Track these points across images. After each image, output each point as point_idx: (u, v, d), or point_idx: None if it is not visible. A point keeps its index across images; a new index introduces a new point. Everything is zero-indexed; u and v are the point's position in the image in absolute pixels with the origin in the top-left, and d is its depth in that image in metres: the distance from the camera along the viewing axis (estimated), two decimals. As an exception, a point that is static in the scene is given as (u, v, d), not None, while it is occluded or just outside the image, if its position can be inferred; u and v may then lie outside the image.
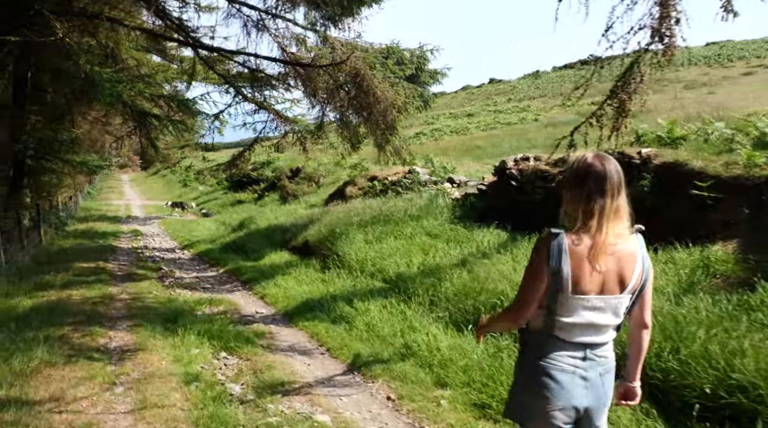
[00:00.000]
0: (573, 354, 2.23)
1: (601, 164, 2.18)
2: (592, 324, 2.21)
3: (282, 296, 8.69)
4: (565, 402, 2.21)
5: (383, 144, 10.00)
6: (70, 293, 8.97)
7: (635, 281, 2.22)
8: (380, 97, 8.90)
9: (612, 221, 2.16)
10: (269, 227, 14.92)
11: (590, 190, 2.16)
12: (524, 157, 9.85)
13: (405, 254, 8.83)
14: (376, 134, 9.66)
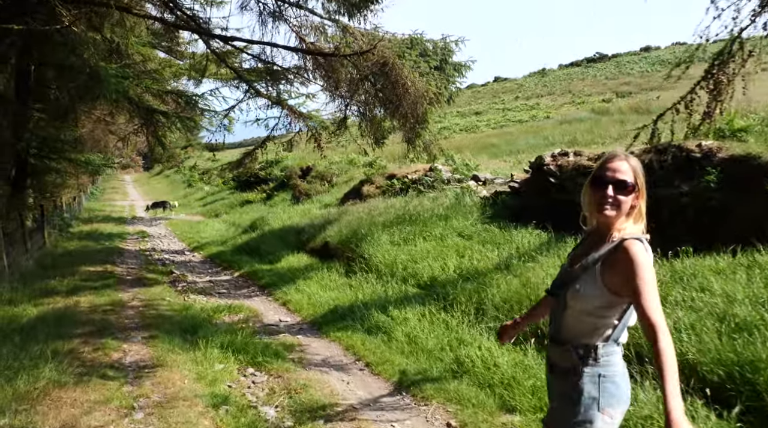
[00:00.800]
0: (621, 355, 2.27)
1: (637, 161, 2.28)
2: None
3: (307, 303, 8.05)
4: (627, 404, 2.28)
5: (413, 139, 9.34)
6: (77, 300, 8.33)
7: None
8: (410, 88, 8.26)
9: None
10: (283, 228, 14.28)
11: (645, 189, 2.24)
12: (562, 152, 9.20)
13: (438, 257, 8.19)
14: (405, 128, 9.01)
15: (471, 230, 9.14)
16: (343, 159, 20.57)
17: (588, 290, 2.19)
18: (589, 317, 2.21)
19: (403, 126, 9.00)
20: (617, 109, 28.41)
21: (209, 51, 13.05)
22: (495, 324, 5.84)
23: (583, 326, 2.23)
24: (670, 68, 16.91)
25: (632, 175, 2.20)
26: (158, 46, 17.95)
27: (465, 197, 10.82)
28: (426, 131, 9.73)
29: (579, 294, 2.21)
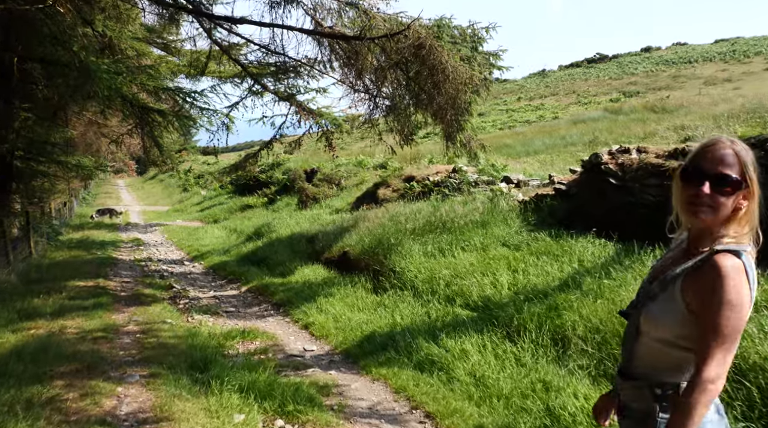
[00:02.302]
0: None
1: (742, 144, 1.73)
2: None
3: (334, 327, 6.84)
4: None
5: (453, 134, 8.15)
6: (63, 325, 7.10)
7: None
8: (450, 74, 7.08)
9: None
10: (292, 236, 13.07)
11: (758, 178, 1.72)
12: (623, 148, 8.04)
13: (486, 272, 7.00)
14: (445, 121, 7.82)
15: (517, 239, 7.97)
16: (350, 161, 19.37)
17: (666, 314, 1.75)
18: (669, 348, 1.75)
19: (441, 119, 7.81)
20: (631, 108, 27.33)
21: (211, 42, 11.86)
22: (588, 362, 4.66)
23: (661, 358, 1.77)
24: (675, 68, 15.20)
25: (738, 167, 1.71)
26: (154, 43, 16.80)
27: (500, 201, 9.64)
28: (468, 125, 8.56)
29: (654, 318, 1.77)
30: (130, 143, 24.76)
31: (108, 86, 10.28)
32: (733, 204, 1.71)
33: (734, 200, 1.71)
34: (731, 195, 1.70)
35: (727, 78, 40.58)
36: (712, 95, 31.02)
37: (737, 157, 1.71)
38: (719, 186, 1.70)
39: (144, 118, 14.29)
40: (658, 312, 1.76)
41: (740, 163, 1.71)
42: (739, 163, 1.71)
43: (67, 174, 19.52)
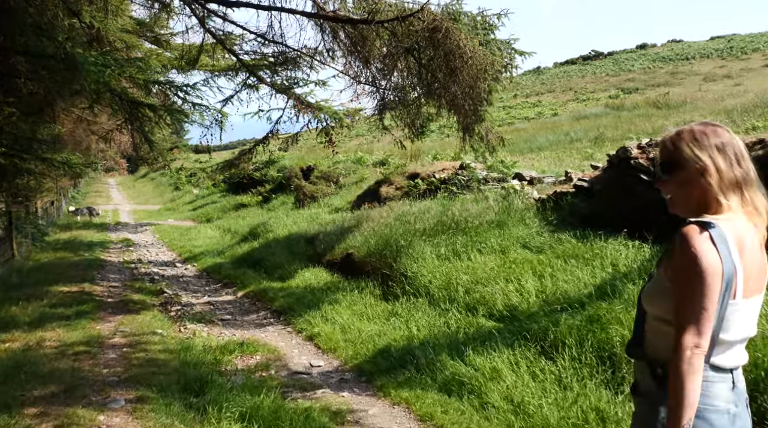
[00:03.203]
0: (724, 386, 1.68)
1: (723, 130, 1.72)
2: (747, 338, 1.72)
3: (342, 339, 6.18)
4: None
5: (471, 126, 7.48)
6: (42, 337, 6.41)
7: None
8: (468, 59, 6.43)
9: (752, 187, 1.69)
10: (290, 236, 12.39)
11: (729, 159, 1.67)
12: (654, 142, 7.42)
13: (509, 277, 6.37)
14: (462, 112, 7.16)
15: (538, 240, 7.34)
16: (348, 158, 18.68)
17: (656, 291, 1.77)
18: (663, 324, 1.71)
19: (457, 109, 7.16)
20: (633, 104, 26.80)
21: (204, 32, 11.17)
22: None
23: (659, 336, 1.73)
24: (672, 65, 14.53)
25: (671, 152, 1.73)
26: (144, 36, 16.07)
27: (514, 200, 9.01)
28: (487, 115, 7.90)
29: (649, 296, 1.79)
30: (120, 141, 23.97)
31: (96, 80, 9.57)
32: (689, 189, 1.72)
33: (684, 185, 1.72)
34: (670, 182, 1.75)
35: (727, 74, 40.13)
36: (714, 91, 30.59)
37: (671, 142, 1.74)
38: (660, 177, 1.77)
39: (134, 113, 13.53)
40: (651, 290, 1.79)
41: (673, 147, 1.73)
42: (672, 147, 1.73)
43: (55, 172, 18.75)
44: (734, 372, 1.72)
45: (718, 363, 1.68)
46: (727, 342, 1.68)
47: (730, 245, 1.63)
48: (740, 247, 1.65)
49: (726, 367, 1.70)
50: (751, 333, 1.73)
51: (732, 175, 1.69)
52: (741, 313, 1.67)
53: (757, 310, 1.73)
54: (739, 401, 1.72)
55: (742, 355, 1.74)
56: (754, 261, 1.68)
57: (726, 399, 1.69)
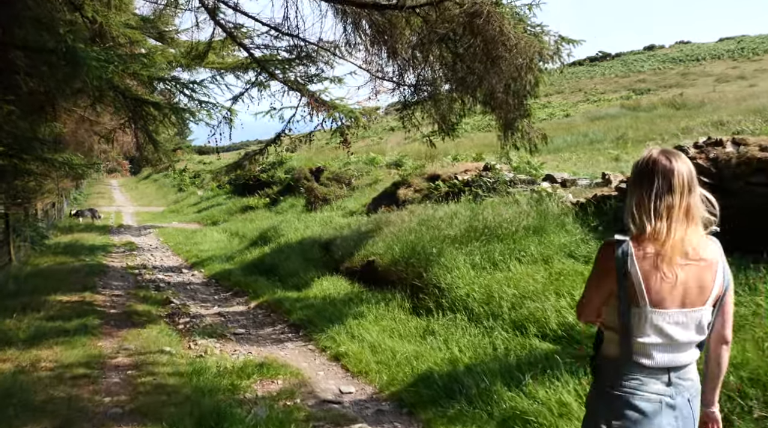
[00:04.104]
0: (657, 380, 1.95)
1: (667, 159, 1.96)
2: (675, 343, 1.95)
3: (374, 361, 5.50)
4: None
5: (514, 122, 6.79)
6: (37, 356, 5.74)
7: (717, 291, 1.96)
8: (512, 48, 5.75)
9: (682, 223, 1.91)
10: (303, 241, 11.72)
11: (657, 187, 1.92)
12: (712, 141, 6.73)
13: (560, 291, 5.68)
14: (504, 106, 6.47)
15: (584, 248, 6.65)
16: (359, 158, 17.99)
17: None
18: (609, 331, 2.05)
19: (497, 104, 6.47)
20: (649, 104, 26.12)
21: (214, 24, 10.53)
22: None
23: (608, 339, 2.06)
24: (683, 66, 13.63)
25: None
26: (148, 33, 15.43)
27: (548, 203, 8.33)
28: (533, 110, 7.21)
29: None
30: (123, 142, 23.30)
31: (98, 76, 8.93)
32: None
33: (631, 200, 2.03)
34: None
35: (740, 75, 39.40)
36: (729, 92, 29.89)
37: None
38: None
39: (137, 111, 12.88)
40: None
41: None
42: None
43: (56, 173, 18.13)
44: (671, 371, 1.94)
45: (642, 362, 1.93)
46: (646, 344, 1.91)
47: (632, 259, 1.89)
48: (645, 263, 1.89)
49: (652, 366, 1.93)
50: (680, 338, 1.93)
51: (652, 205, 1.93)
52: (652, 320, 1.90)
53: (685, 321, 1.93)
54: (678, 395, 1.95)
55: (673, 357, 1.94)
56: (659, 279, 1.89)
57: (657, 391, 1.93)
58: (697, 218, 1.94)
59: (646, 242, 1.91)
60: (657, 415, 1.93)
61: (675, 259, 1.89)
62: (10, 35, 11.76)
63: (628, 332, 1.93)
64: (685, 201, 1.92)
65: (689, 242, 1.91)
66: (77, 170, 18.15)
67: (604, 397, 2.00)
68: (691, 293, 1.92)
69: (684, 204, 1.91)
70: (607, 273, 1.95)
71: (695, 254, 1.93)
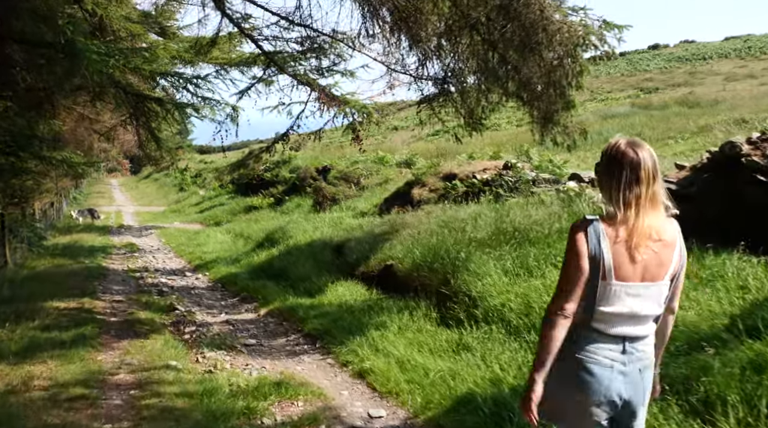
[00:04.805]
0: (612, 347, 2.15)
1: (634, 152, 2.11)
2: (634, 315, 2.14)
3: (403, 379, 4.93)
4: (602, 397, 2.13)
5: (553, 115, 6.23)
6: (30, 373, 5.19)
7: (675, 267, 2.17)
8: (555, 32, 5.20)
9: (648, 210, 2.09)
10: (313, 243, 11.16)
11: (626, 178, 2.09)
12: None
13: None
14: (544, 97, 5.92)
15: (627, 253, 6.08)
16: (368, 157, 17.43)
17: None
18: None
19: (539, 96, 5.91)
20: (661, 103, 25.60)
21: (222, 15, 10.03)
22: None
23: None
24: (689, 65, 13.05)
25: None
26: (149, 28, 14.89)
27: (578, 204, 7.78)
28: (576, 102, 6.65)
29: None
30: (123, 140, 22.75)
31: (98, 70, 8.41)
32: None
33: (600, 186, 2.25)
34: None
35: (750, 74, 38.81)
36: (740, 91, 29.36)
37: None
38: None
39: (139, 107, 12.37)
40: None
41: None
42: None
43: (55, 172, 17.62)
44: (627, 340, 2.14)
45: (599, 328, 2.13)
46: (606, 313, 2.11)
47: (602, 237, 2.07)
48: (614, 240, 2.08)
49: (609, 333, 2.12)
50: (640, 311, 2.13)
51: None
52: (616, 292, 2.09)
53: (646, 294, 2.13)
54: (631, 363, 2.14)
55: (632, 328, 2.14)
56: (626, 256, 2.08)
57: (611, 358, 2.13)
58: (660, 204, 2.11)
59: (616, 224, 2.08)
60: (607, 378, 2.11)
61: (642, 242, 2.06)
62: (8, 28, 11.16)
63: (594, 301, 2.09)
64: (650, 190, 2.07)
65: (654, 226, 2.08)
66: (77, 169, 17.60)
67: (562, 360, 2.14)
68: (651, 269, 2.11)
69: (650, 193, 2.07)
70: (583, 253, 2.07)
71: (658, 235, 2.10)
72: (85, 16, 9.84)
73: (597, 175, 2.25)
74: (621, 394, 2.14)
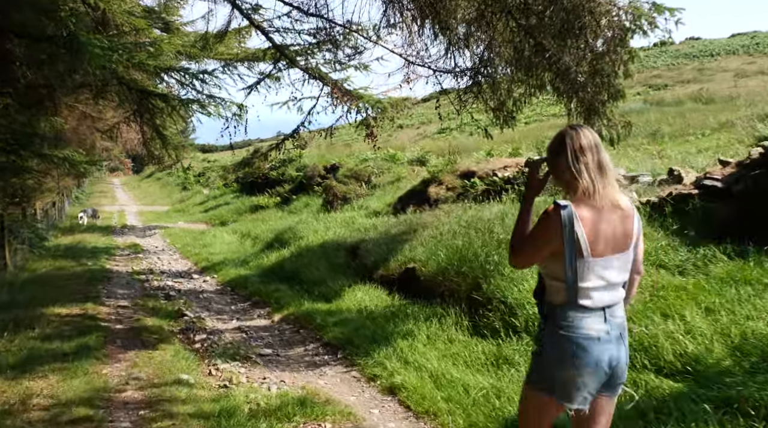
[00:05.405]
0: (596, 320, 2.28)
1: (573, 130, 2.31)
2: (610, 284, 2.29)
3: (440, 397, 4.46)
4: (595, 368, 2.26)
5: (601, 106, 5.74)
6: (28, 389, 4.73)
7: (636, 235, 2.34)
8: (602, 15, 4.73)
9: (600, 175, 2.25)
10: (325, 244, 10.70)
11: (572, 151, 2.26)
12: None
13: (666, 311, 4.65)
14: (591, 88, 5.44)
15: (675, 257, 5.65)
16: (378, 155, 16.91)
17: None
18: (553, 280, 2.34)
19: (582, 86, 5.42)
20: (675, 99, 25.04)
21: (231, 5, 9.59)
22: None
23: (551, 288, 2.35)
24: (697, 61, 12.47)
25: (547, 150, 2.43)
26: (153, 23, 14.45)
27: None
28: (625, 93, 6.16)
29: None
30: (126, 139, 22.28)
31: (101, 65, 7.95)
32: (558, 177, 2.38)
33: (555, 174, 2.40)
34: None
35: (760, 70, 38.13)
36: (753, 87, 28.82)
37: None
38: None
39: (143, 103, 11.91)
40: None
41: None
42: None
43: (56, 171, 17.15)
44: (606, 309, 2.29)
45: (586, 304, 2.26)
46: (588, 288, 2.26)
47: (576, 219, 2.20)
48: (586, 222, 2.21)
49: (593, 307, 2.27)
50: (614, 280, 2.30)
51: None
52: (593, 267, 2.25)
53: (617, 264, 2.30)
54: (612, 330, 2.29)
55: (609, 297, 2.30)
56: (598, 231, 2.23)
57: (597, 330, 2.27)
58: (611, 174, 2.27)
59: (582, 203, 2.23)
60: (595, 349, 2.25)
61: (605, 207, 2.23)
62: (8, 20, 10.67)
63: (575, 280, 2.23)
64: (596, 157, 2.24)
65: (611, 194, 2.25)
66: (79, 168, 17.10)
67: (553, 337, 2.29)
68: (619, 240, 2.27)
69: (596, 160, 2.24)
70: (555, 237, 2.22)
71: (617, 203, 2.27)
72: (88, 10, 9.41)
73: (549, 165, 2.39)
74: (610, 361, 2.28)
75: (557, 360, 2.28)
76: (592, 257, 2.22)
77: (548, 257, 2.30)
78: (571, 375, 2.26)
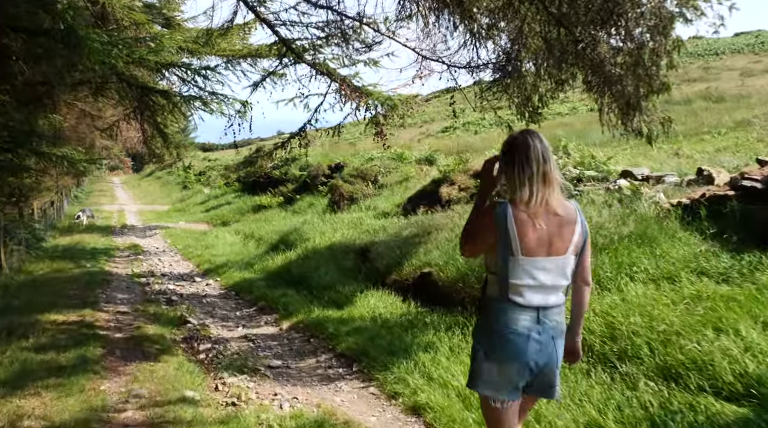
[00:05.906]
0: (527, 317, 2.37)
1: (524, 137, 2.40)
2: (543, 286, 2.37)
3: (472, 421, 4.07)
4: (519, 362, 2.36)
5: (638, 103, 5.31)
6: (20, 409, 4.33)
7: (577, 242, 2.40)
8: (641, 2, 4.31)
9: (542, 186, 2.34)
10: (333, 247, 10.29)
11: (519, 160, 2.36)
12: None
13: (719, 325, 4.25)
14: (633, 81, 5.02)
15: (717, 264, 5.24)
16: (384, 154, 16.51)
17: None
18: (489, 273, 2.50)
19: (618, 79, 5.01)
20: (684, 98, 24.64)
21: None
22: None
23: (489, 280, 2.50)
24: (702, 60, 11.89)
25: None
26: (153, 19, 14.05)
27: (639, 205, 6.91)
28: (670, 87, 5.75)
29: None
30: (126, 137, 21.87)
31: (100, 60, 7.53)
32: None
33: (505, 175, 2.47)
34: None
35: (766, 69, 37.74)
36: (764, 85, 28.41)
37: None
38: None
39: (144, 100, 11.50)
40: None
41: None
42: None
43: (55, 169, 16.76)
44: (540, 310, 2.37)
45: (517, 301, 2.36)
46: (518, 285, 2.35)
47: (509, 218, 2.32)
48: (519, 221, 2.32)
49: (524, 305, 2.36)
50: (547, 282, 2.37)
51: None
52: (524, 266, 2.34)
53: (551, 267, 2.37)
54: (544, 332, 2.38)
55: (542, 298, 2.37)
56: (530, 232, 2.33)
57: (526, 327, 2.36)
58: (555, 183, 2.37)
59: (519, 205, 2.35)
60: (523, 346, 2.36)
61: (540, 216, 2.34)
62: (3, 14, 10.24)
63: (506, 275, 2.36)
64: (541, 169, 2.34)
65: (549, 203, 2.35)
66: (78, 167, 16.67)
67: (485, 329, 2.46)
68: (554, 244, 2.36)
69: (541, 172, 2.34)
70: (490, 230, 2.37)
71: (555, 211, 2.36)
72: (86, 3, 9.05)
73: (501, 166, 2.46)
74: (537, 360, 2.36)
75: (486, 352, 2.40)
76: (523, 255, 2.32)
77: (487, 251, 2.43)
78: (498, 369, 2.37)
